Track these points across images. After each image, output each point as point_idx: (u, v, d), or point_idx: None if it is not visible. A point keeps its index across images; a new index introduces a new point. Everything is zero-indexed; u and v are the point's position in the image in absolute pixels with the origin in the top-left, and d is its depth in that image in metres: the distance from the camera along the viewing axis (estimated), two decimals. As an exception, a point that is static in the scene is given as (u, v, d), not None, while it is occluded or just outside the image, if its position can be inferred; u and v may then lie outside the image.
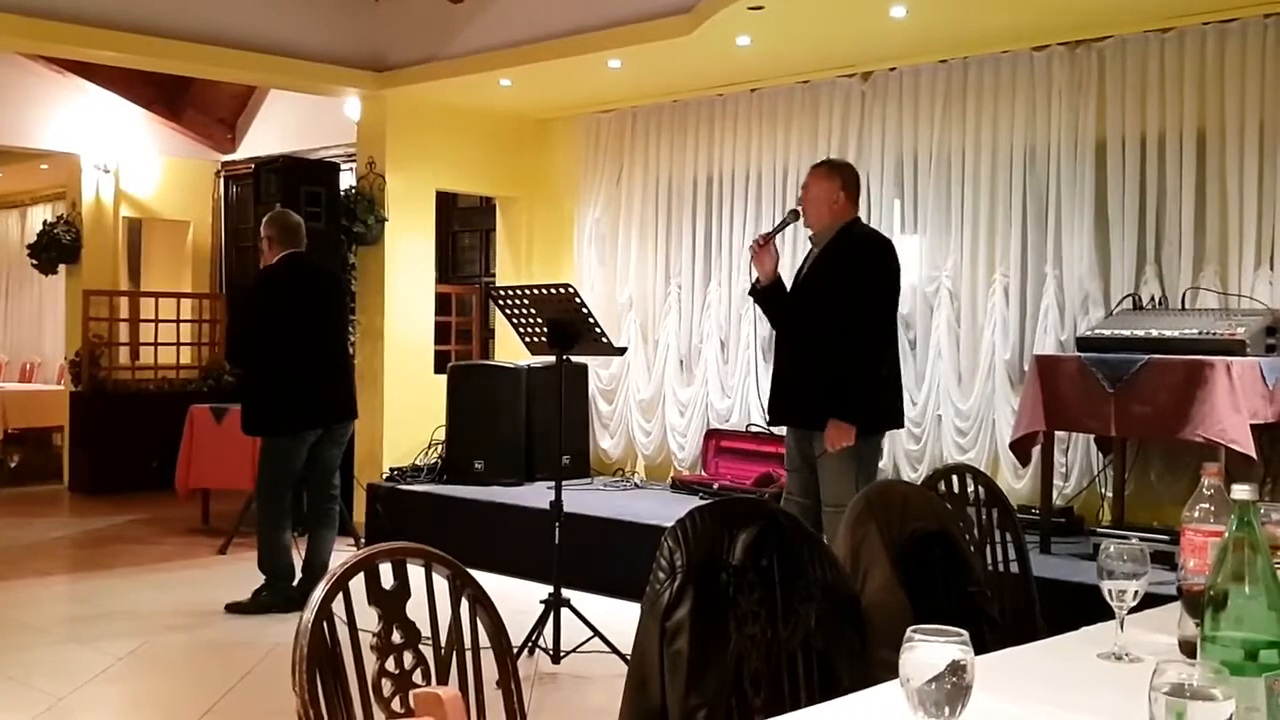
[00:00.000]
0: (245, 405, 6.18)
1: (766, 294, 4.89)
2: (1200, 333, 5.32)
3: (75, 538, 8.34)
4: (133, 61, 7.85)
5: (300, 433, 6.09)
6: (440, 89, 7.97)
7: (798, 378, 4.75)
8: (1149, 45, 6.05)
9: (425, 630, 1.98)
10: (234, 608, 6.07)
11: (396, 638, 1.93)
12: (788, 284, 4.95)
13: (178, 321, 10.44)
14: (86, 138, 10.28)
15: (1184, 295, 5.88)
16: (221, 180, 11.09)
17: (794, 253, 6.52)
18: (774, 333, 5.13)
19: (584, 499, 7.07)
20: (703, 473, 7.72)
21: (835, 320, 4.63)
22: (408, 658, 1.93)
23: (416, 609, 1.96)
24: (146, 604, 6.36)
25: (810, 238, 4.93)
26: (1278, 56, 5.68)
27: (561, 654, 5.19)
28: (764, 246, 4.83)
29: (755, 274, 4.92)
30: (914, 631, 1.36)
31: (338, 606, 1.87)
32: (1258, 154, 5.73)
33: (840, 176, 4.82)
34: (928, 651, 1.34)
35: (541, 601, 5.28)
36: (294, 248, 6.12)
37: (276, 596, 6.05)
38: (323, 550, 6.19)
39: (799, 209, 4.88)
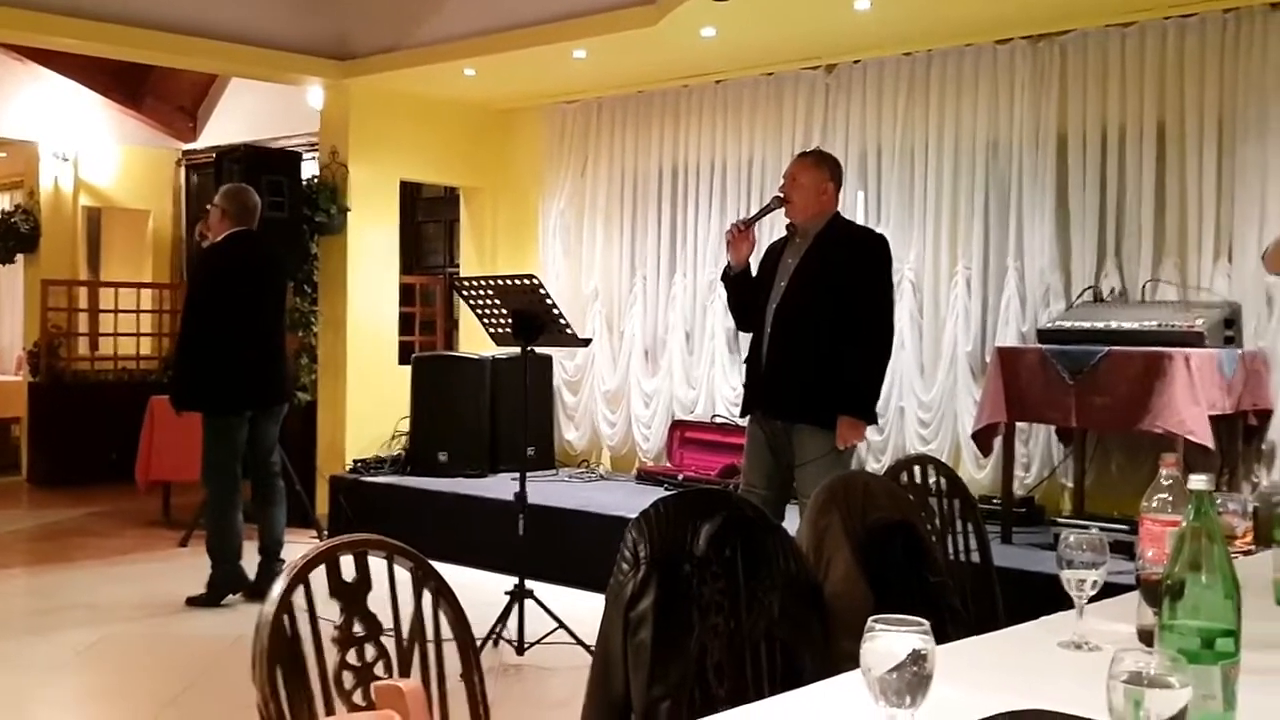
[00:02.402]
0: (182, 382, 6.12)
1: (737, 280, 4.87)
2: (1159, 325, 5.37)
3: (33, 530, 8.25)
4: (92, 49, 7.75)
5: (242, 412, 6.09)
6: (404, 78, 7.92)
7: (791, 371, 4.67)
8: (1110, 39, 6.10)
9: (387, 623, 1.97)
10: (195, 601, 6.03)
11: (358, 630, 1.92)
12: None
13: (138, 312, 10.34)
14: (45, 125, 10.15)
15: (1144, 288, 5.93)
16: (182, 169, 10.99)
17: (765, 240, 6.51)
18: (739, 321, 5.10)
19: (549, 490, 7.06)
20: (668, 464, 7.73)
21: (842, 316, 4.58)
22: (369, 650, 1.92)
23: (378, 602, 1.95)
24: (106, 597, 6.31)
25: (790, 227, 4.85)
26: (1237, 51, 5.73)
27: (526, 645, 5.19)
28: (743, 233, 4.80)
29: (729, 259, 4.90)
30: (875, 621, 1.37)
31: (299, 600, 1.86)
32: (1216, 148, 5.79)
33: (828, 166, 4.80)
34: (889, 641, 1.34)
35: (506, 593, 5.27)
36: (245, 225, 6.09)
37: (224, 577, 6.01)
38: (276, 529, 6.19)
39: (781, 196, 4.83)
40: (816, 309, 4.63)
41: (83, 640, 5.45)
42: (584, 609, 5.20)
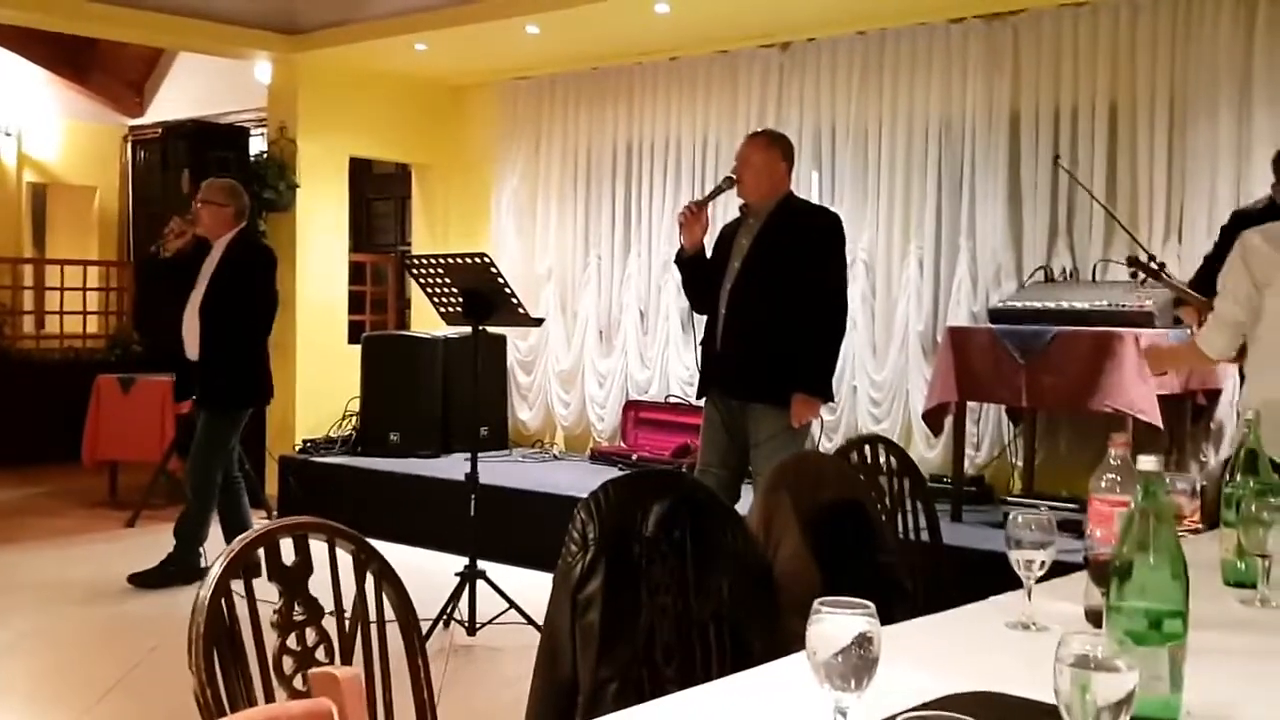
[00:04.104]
0: (225, 382, 5.94)
1: (691, 262, 4.85)
2: (1110, 305, 5.40)
3: (-23, 511, 8.13)
4: (36, 21, 7.61)
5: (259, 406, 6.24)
6: (354, 53, 7.82)
7: (746, 351, 4.66)
8: (1063, 19, 6.12)
9: (329, 607, 1.93)
10: (140, 580, 5.95)
11: (299, 614, 1.88)
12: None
13: (84, 290, 10.19)
14: (-14, 100, 9.98)
15: (1094, 267, 5.96)
16: (129, 145, 10.82)
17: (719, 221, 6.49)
18: (694, 302, 5.07)
19: (502, 471, 7.02)
20: (622, 444, 7.71)
21: (795, 294, 4.58)
22: (310, 634, 1.89)
23: (319, 586, 1.92)
24: (51, 578, 6.21)
25: (744, 208, 4.83)
26: (1188, 31, 5.76)
27: (477, 626, 5.16)
28: (696, 214, 4.78)
29: (682, 241, 4.87)
30: (821, 604, 1.35)
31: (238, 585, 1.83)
32: (1167, 128, 5.82)
33: (780, 147, 4.79)
34: (834, 624, 1.32)
35: (457, 574, 5.24)
36: (246, 224, 6.08)
37: (188, 566, 5.94)
38: (249, 515, 6.14)
39: (734, 176, 4.81)
40: (770, 288, 4.62)
41: (27, 623, 5.36)
42: (536, 589, 5.13)
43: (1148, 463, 1.49)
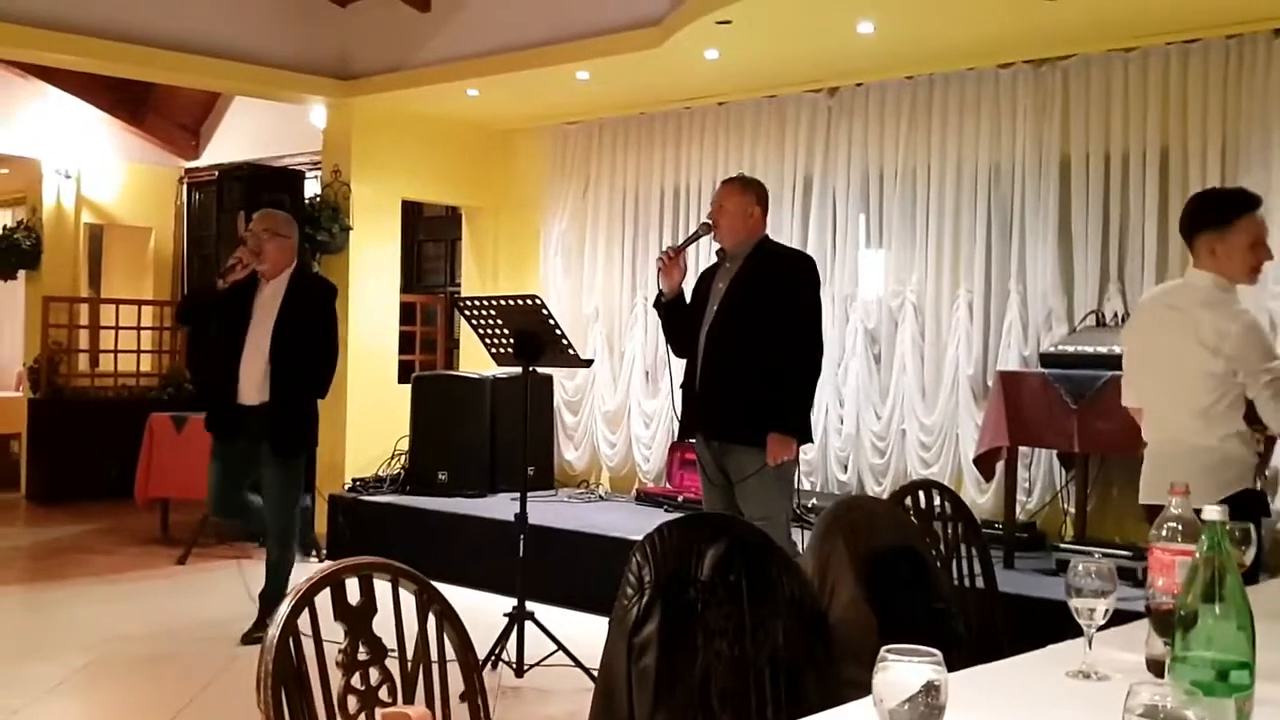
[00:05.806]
0: (298, 424, 5.79)
1: (670, 307, 4.92)
2: (1162, 349, 5.35)
3: (31, 547, 8.23)
4: (95, 66, 7.77)
5: None
6: (407, 98, 7.93)
7: (723, 392, 4.72)
8: (1113, 64, 6.11)
9: (391, 645, 1.96)
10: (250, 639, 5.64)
11: (363, 653, 1.91)
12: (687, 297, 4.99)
13: (138, 329, 10.34)
14: (47, 142, 10.16)
15: (1146, 312, 5.91)
16: (184, 187, 10.99)
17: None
18: (674, 346, 5.09)
19: (548, 511, 7.03)
20: (667, 485, 7.71)
21: (772, 336, 4.64)
22: (374, 674, 1.92)
23: (382, 624, 1.94)
24: (104, 615, 6.28)
25: (719, 252, 4.94)
26: (1239, 76, 5.75)
27: (525, 667, 5.17)
28: (674, 259, 4.86)
29: (660, 286, 4.93)
30: (887, 651, 1.36)
31: (303, 622, 1.86)
32: (1219, 172, 5.79)
33: (754, 191, 4.88)
34: (901, 672, 1.33)
35: (505, 614, 5.25)
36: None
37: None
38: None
39: (709, 222, 4.90)
40: (746, 331, 4.69)
41: (80, 659, 5.42)
42: (584, 631, 5.19)
43: (1212, 512, 1.50)
